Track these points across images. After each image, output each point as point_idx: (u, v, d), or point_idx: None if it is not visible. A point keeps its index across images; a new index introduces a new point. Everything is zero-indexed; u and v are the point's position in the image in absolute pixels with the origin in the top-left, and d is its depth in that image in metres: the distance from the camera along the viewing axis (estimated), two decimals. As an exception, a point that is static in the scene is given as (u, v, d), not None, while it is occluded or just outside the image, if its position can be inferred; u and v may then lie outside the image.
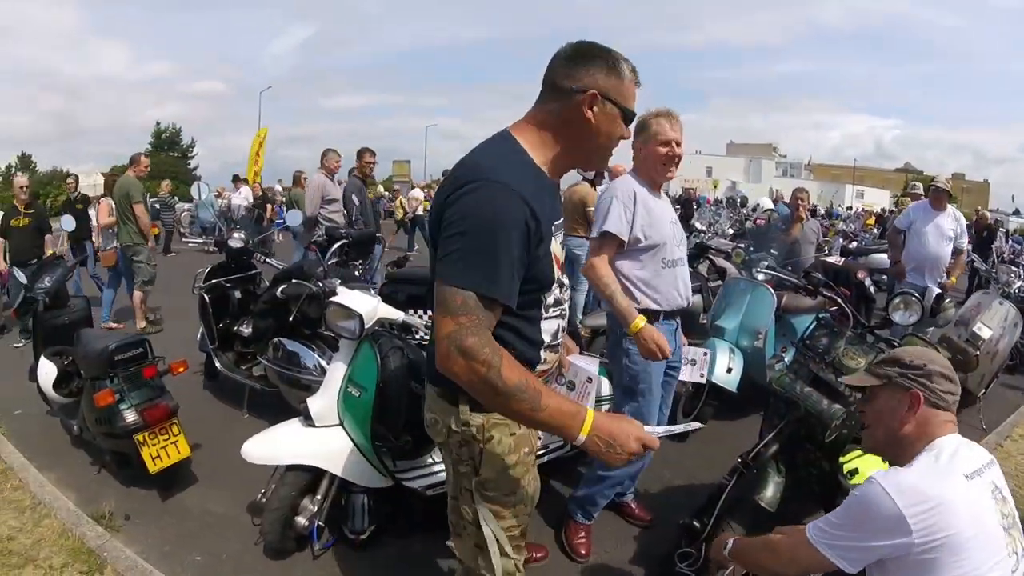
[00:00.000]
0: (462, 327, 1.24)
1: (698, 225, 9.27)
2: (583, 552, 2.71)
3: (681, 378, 2.94)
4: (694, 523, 2.40)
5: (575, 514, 2.77)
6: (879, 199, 46.41)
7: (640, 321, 2.40)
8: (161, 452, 3.06)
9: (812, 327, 2.91)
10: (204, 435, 3.57)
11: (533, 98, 1.48)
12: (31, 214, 6.31)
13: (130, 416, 3.03)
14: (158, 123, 46.26)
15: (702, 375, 3.03)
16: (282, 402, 3.77)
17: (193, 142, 47.24)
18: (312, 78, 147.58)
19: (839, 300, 3.39)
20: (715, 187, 36.86)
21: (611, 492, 2.77)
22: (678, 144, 2.52)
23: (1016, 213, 39.75)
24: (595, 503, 2.74)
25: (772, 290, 4.08)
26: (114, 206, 6.50)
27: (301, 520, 2.58)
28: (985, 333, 4.25)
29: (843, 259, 7.87)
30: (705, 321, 4.59)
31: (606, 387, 3.08)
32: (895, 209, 9.41)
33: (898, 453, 1.53)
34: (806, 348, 2.82)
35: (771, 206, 11.07)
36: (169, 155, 43.69)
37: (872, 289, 6.49)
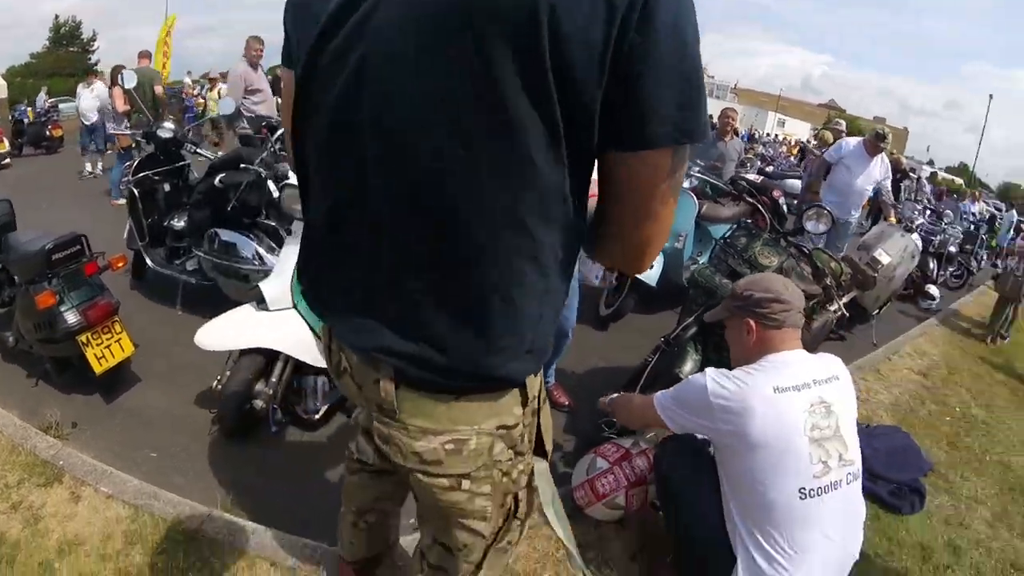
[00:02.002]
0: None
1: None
2: (566, 402, 3.21)
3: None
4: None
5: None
6: (799, 130, 47.75)
7: None
8: (105, 352, 3.00)
9: (733, 229, 3.18)
10: (139, 336, 3.38)
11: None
12: None
13: (72, 317, 2.91)
14: (56, 16, 41.46)
15: (598, 277, 3.38)
16: (216, 297, 3.70)
17: (95, 35, 42.57)
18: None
19: (759, 206, 3.68)
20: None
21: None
22: None
23: (930, 163, 43.22)
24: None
25: (695, 196, 4.41)
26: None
27: (259, 403, 2.63)
28: (884, 259, 4.86)
29: (761, 178, 8.32)
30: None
31: None
32: (815, 142, 10.04)
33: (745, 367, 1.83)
34: (727, 245, 3.10)
35: None
36: (69, 51, 39.56)
37: (785, 208, 6.96)
